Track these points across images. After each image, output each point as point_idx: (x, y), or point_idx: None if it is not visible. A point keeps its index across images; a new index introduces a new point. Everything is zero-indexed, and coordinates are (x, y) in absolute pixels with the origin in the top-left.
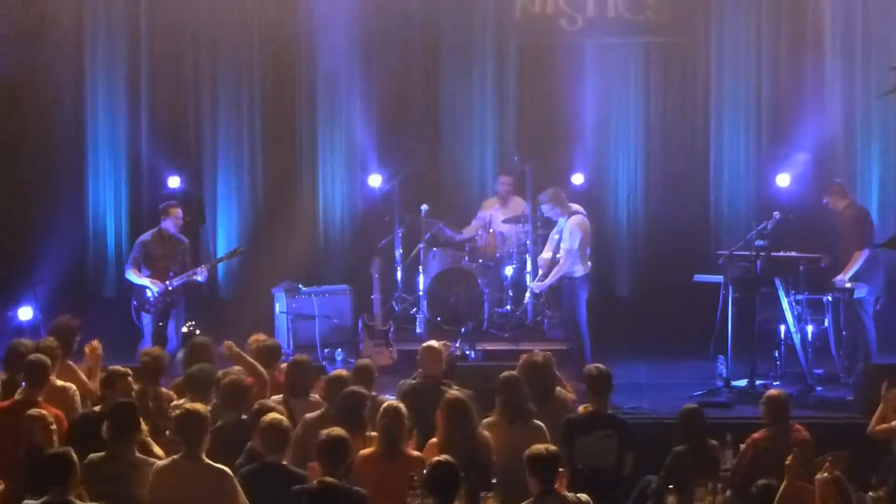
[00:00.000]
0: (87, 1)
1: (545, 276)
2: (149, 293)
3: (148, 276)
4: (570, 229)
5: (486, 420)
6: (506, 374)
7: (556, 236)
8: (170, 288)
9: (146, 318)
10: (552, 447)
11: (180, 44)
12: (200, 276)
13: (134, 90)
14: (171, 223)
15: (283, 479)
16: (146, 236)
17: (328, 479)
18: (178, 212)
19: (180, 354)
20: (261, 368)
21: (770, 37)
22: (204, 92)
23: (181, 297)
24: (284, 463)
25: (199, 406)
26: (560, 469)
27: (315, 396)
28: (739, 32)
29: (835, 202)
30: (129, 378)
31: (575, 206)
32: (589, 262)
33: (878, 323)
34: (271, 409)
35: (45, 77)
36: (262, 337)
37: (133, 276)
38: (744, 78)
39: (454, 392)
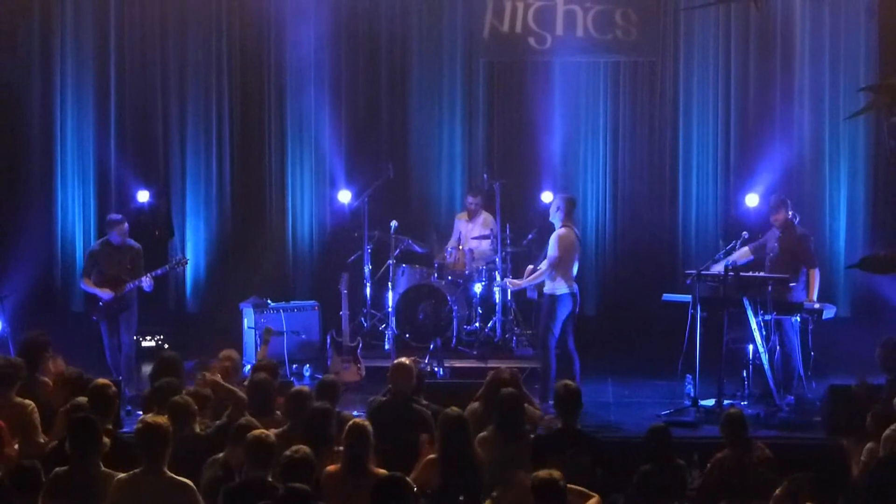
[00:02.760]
0: (57, 15)
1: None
2: (100, 302)
3: (97, 283)
4: (553, 240)
5: (479, 435)
6: (507, 390)
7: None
8: (119, 296)
9: (102, 327)
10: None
11: (149, 59)
12: (146, 285)
13: (103, 104)
14: (115, 236)
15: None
16: (95, 246)
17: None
18: (124, 227)
19: (147, 368)
20: (239, 393)
21: (738, 57)
22: (172, 107)
23: (132, 304)
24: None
25: (160, 419)
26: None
27: (278, 414)
28: (708, 52)
29: (779, 218)
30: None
31: (569, 224)
32: (568, 282)
33: (849, 344)
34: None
35: (13, 91)
36: (233, 354)
37: (85, 285)
38: (712, 97)
39: (453, 409)
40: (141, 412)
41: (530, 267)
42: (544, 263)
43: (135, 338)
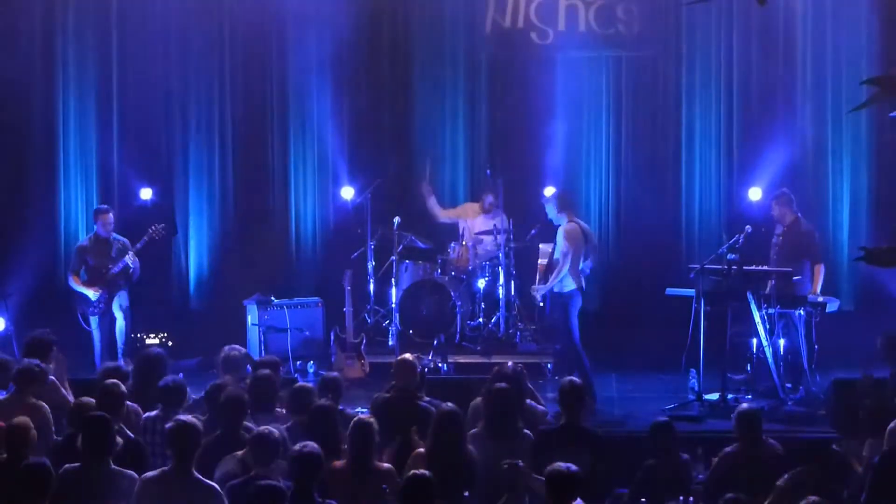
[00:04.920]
0: (59, 14)
1: (544, 280)
2: (92, 298)
3: (86, 282)
4: (561, 236)
5: (471, 432)
6: (499, 386)
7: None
8: (108, 291)
9: (94, 323)
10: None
11: (151, 56)
12: (131, 263)
13: (105, 102)
14: (100, 227)
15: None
16: (83, 241)
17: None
18: (109, 217)
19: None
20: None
21: (741, 51)
22: (175, 104)
23: (124, 294)
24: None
25: (192, 420)
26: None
27: (281, 410)
28: (710, 46)
29: (783, 213)
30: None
31: (575, 218)
32: (581, 278)
33: (852, 337)
34: None
35: (16, 88)
36: (239, 349)
37: (74, 284)
38: (714, 91)
39: (449, 405)
40: None
41: (542, 263)
42: (561, 260)
43: (133, 335)
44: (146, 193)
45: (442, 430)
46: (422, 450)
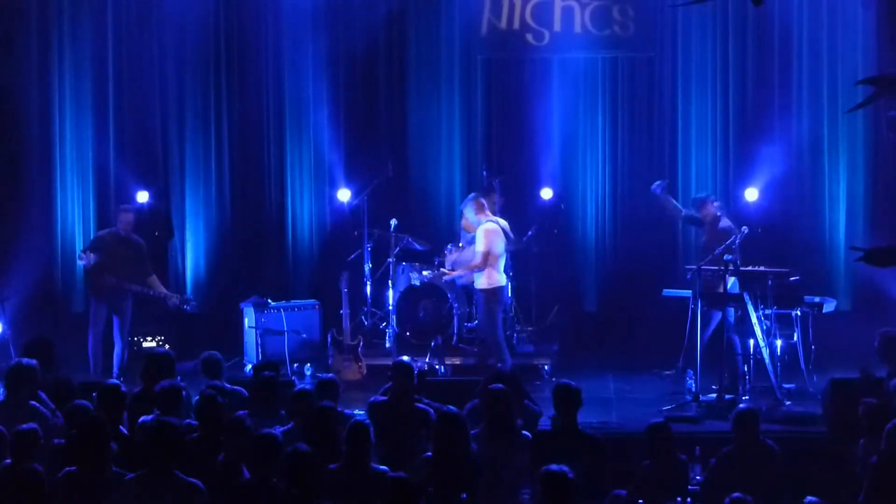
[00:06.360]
0: (54, 17)
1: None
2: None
3: (91, 268)
4: (479, 235)
5: (471, 433)
6: (496, 387)
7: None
8: (117, 287)
9: (92, 310)
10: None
11: (147, 59)
12: (170, 302)
13: (101, 106)
14: (120, 226)
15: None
16: (102, 233)
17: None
18: (129, 217)
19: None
20: None
21: (737, 51)
22: (171, 106)
23: (127, 304)
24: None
25: (167, 419)
26: None
27: (281, 413)
28: (706, 47)
29: (714, 214)
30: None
31: (492, 217)
32: (500, 276)
33: (849, 337)
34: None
35: (12, 94)
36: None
37: (79, 256)
38: (710, 92)
39: (450, 408)
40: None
41: (453, 257)
42: (476, 258)
43: (129, 339)
44: (143, 196)
45: (444, 433)
46: (428, 454)
